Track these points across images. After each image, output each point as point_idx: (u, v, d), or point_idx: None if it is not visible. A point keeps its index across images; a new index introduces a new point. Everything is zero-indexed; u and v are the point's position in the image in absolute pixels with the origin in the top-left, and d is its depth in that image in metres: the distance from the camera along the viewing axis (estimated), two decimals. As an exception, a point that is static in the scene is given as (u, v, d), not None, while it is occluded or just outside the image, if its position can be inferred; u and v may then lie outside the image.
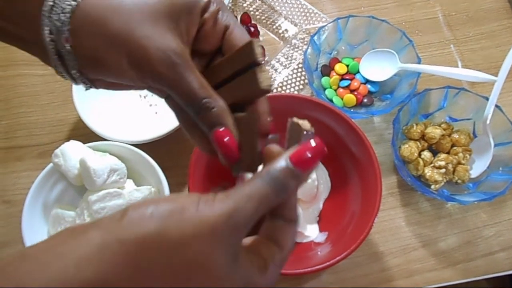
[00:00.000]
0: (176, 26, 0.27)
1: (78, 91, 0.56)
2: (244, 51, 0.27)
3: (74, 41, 0.27)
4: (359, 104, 0.62)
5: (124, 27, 0.27)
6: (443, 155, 0.56)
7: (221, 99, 0.28)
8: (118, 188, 0.49)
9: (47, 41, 0.27)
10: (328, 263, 0.43)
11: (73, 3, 0.26)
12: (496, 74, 0.56)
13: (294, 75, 0.64)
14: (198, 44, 0.29)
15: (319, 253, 0.49)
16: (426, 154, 0.57)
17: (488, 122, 0.55)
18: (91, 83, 0.30)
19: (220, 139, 0.27)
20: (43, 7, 0.26)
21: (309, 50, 0.59)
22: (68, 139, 0.52)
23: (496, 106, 0.55)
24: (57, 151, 0.49)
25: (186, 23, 0.28)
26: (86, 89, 0.31)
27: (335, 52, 0.65)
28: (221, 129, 0.27)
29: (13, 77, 0.63)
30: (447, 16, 0.71)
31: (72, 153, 0.49)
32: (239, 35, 0.29)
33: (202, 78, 0.28)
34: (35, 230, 0.48)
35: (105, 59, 0.27)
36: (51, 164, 0.50)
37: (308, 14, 0.67)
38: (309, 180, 0.52)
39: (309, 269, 0.43)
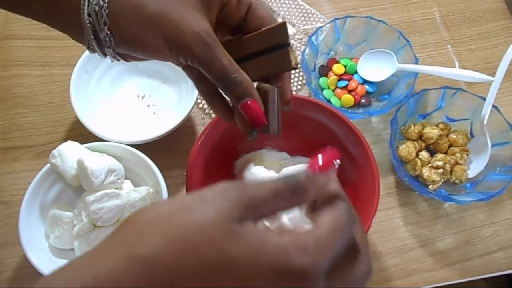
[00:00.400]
0: (203, 6, 0.31)
1: (76, 91, 0.56)
2: (276, 31, 0.31)
3: (112, 23, 0.30)
4: (357, 104, 0.62)
5: (160, 10, 0.30)
6: (440, 155, 0.56)
7: (247, 77, 0.32)
8: (116, 188, 0.48)
9: (86, 23, 0.30)
10: (326, 263, 0.43)
11: None
12: (493, 75, 0.56)
13: (292, 76, 0.64)
14: (222, 20, 0.32)
15: (317, 253, 0.49)
16: (424, 154, 0.57)
17: (485, 122, 0.55)
18: (122, 57, 0.33)
19: (249, 109, 0.31)
20: None
21: (307, 51, 0.60)
22: (65, 140, 0.52)
23: (493, 106, 0.56)
24: (55, 151, 0.49)
25: (210, 3, 0.31)
26: (112, 61, 0.35)
27: (333, 53, 0.65)
28: (249, 101, 0.31)
29: (10, 77, 0.63)
30: (445, 17, 0.71)
31: (70, 153, 0.49)
32: (263, 13, 0.33)
33: (228, 55, 0.31)
34: (32, 231, 0.48)
35: (142, 40, 0.30)
36: (48, 165, 0.49)
37: (306, 15, 0.67)
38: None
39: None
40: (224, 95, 0.35)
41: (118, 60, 0.33)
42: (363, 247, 0.25)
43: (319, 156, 0.24)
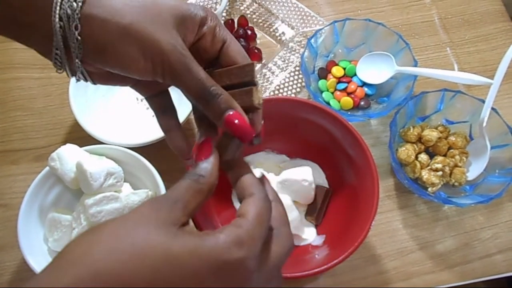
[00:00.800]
0: (178, 28, 0.30)
1: (75, 94, 0.56)
2: (245, 69, 0.31)
3: (84, 29, 0.28)
4: (356, 107, 0.62)
5: (138, 20, 0.28)
6: (440, 158, 0.56)
7: (221, 87, 0.31)
8: (115, 191, 0.48)
9: (56, 27, 0.28)
10: (325, 266, 0.43)
11: None
12: (492, 77, 0.56)
13: (291, 78, 0.64)
14: (196, 52, 0.31)
15: (316, 256, 0.49)
16: (423, 157, 0.57)
17: (484, 124, 0.55)
18: (89, 76, 0.31)
19: (231, 122, 0.30)
20: None
21: (306, 53, 0.60)
22: (64, 143, 0.52)
23: (492, 108, 0.56)
24: (54, 154, 0.49)
25: (185, 29, 0.30)
26: (77, 81, 0.32)
27: (332, 55, 0.65)
28: (231, 113, 0.30)
29: (9, 80, 0.63)
30: (443, 19, 0.71)
31: (69, 156, 0.48)
32: (236, 50, 0.32)
33: (205, 72, 0.30)
34: (31, 234, 0.48)
35: (115, 49, 0.28)
36: (47, 168, 0.49)
37: (305, 17, 0.67)
38: (306, 183, 0.52)
39: (307, 272, 0.43)
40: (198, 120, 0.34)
41: (86, 80, 0.31)
42: (280, 226, 0.29)
43: (197, 153, 0.29)
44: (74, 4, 0.27)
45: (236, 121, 0.29)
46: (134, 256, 0.22)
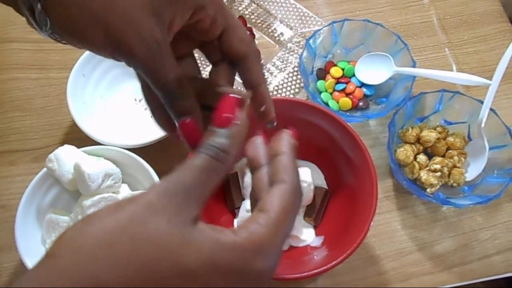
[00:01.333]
0: (162, 15, 0.27)
1: (73, 95, 0.56)
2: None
3: (48, 5, 0.26)
4: (355, 107, 0.62)
5: (107, 4, 0.25)
6: (438, 159, 0.56)
7: (192, 95, 0.28)
8: (113, 192, 0.48)
9: None
10: (324, 268, 0.43)
11: None
12: (490, 77, 0.57)
13: (290, 79, 0.64)
14: (189, 33, 0.29)
15: (315, 257, 0.49)
16: (422, 158, 0.57)
17: (482, 125, 0.55)
18: (65, 41, 0.28)
19: (185, 128, 0.27)
20: None
21: (304, 54, 0.60)
22: (62, 144, 0.52)
23: (491, 109, 0.56)
24: (51, 155, 0.49)
25: (173, 16, 0.27)
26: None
27: (331, 56, 0.65)
28: (187, 120, 0.27)
29: (7, 81, 0.63)
30: (442, 20, 0.71)
31: (66, 157, 0.48)
32: (239, 37, 0.29)
33: (176, 68, 0.27)
34: (29, 235, 0.48)
35: (81, 31, 0.26)
36: (45, 169, 0.49)
37: (303, 18, 0.67)
38: (305, 184, 0.52)
39: (306, 273, 0.43)
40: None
41: (61, 42, 0.29)
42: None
43: (217, 110, 0.24)
44: None
45: (188, 127, 0.27)
46: (141, 272, 0.19)
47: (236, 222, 0.53)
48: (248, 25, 0.68)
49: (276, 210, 0.23)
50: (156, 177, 0.49)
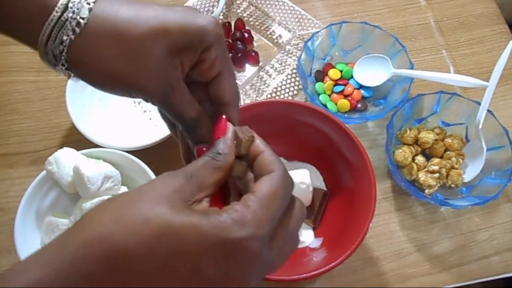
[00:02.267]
0: (177, 57, 0.30)
1: (72, 97, 0.56)
2: (237, 141, 0.31)
3: (71, 66, 0.29)
4: (353, 109, 0.62)
5: (127, 65, 0.28)
6: (436, 160, 0.57)
7: (209, 124, 0.31)
8: (112, 195, 0.48)
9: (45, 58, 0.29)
10: (323, 269, 0.43)
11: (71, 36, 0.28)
12: (487, 79, 0.57)
13: (288, 81, 0.64)
14: (190, 75, 0.32)
15: (314, 258, 0.49)
16: (420, 159, 0.57)
17: (480, 126, 0.56)
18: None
19: (201, 155, 0.30)
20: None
21: (303, 56, 0.60)
22: (61, 146, 0.52)
23: (488, 110, 0.56)
24: (50, 158, 0.49)
25: (186, 57, 0.30)
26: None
27: (329, 58, 0.65)
28: (204, 148, 0.30)
29: (5, 83, 0.63)
30: (439, 22, 0.71)
31: (66, 160, 0.48)
32: (227, 87, 0.32)
33: (192, 102, 0.31)
34: (28, 238, 0.48)
35: (101, 84, 0.30)
36: (44, 172, 0.49)
37: (301, 20, 0.68)
38: (304, 186, 0.52)
39: (304, 275, 0.43)
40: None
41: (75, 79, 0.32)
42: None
43: (214, 132, 0.30)
44: (61, 47, 0.28)
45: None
46: (136, 225, 0.22)
47: None
48: (246, 28, 0.68)
49: (264, 191, 0.25)
50: (155, 179, 0.49)
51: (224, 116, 0.30)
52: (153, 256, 0.22)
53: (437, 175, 0.55)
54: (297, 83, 0.64)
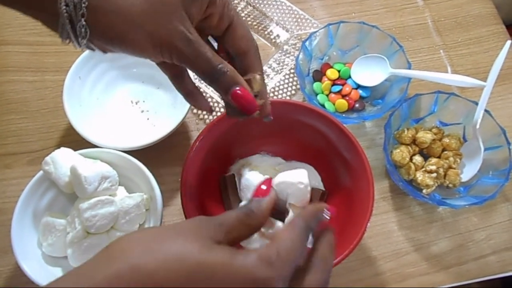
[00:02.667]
0: (186, 8, 0.30)
1: (69, 97, 0.55)
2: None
3: (90, 17, 0.29)
4: (351, 109, 0.62)
5: (145, 9, 0.29)
6: (434, 160, 0.57)
7: (228, 64, 0.32)
8: (110, 195, 0.48)
9: (62, 12, 0.28)
10: (321, 269, 0.43)
11: None
12: (485, 79, 0.57)
13: (286, 81, 0.64)
14: (201, 31, 0.32)
15: (312, 258, 0.49)
16: (418, 159, 0.57)
17: (477, 126, 0.56)
18: (99, 48, 0.32)
19: (239, 97, 0.31)
20: None
21: (300, 56, 0.60)
22: (58, 146, 0.52)
23: (486, 110, 0.56)
24: (48, 158, 0.48)
25: (193, 9, 0.31)
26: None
27: (327, 58, 0.65)
28: (237, 88, 0.31)
29: (2, 83, 0.63)
30: (437, 22, 0.72)
31: (63, 160, 0.48)
32: (241, 34, 0.33)
33: (211, 50, 0.31)
34: (25, 239, 0.47)
35: (124, 37, 0.30)
36: (41, 172, 0.49)
37: (299, 20, 0.68)
38: (302, 185, 0.52)
39: (303, 275, 0.43)
40: (212, 89, 0.35)
41: (93, 50, 0.32)
42: (320, 259, 0.29)
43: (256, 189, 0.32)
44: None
45: (241, 95, 0.31)
46: (169, 258, 0.23)
47: None
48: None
49: (286, 238, 0.27)
50: (152, 179, 0.49)
51: (268, 179, 0.32)
52: (189, 283, 0.23)
53: (434, 175, 0.56)
54: (295, 83, 0.64)
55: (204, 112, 0.62)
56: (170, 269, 0.23)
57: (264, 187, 0.31)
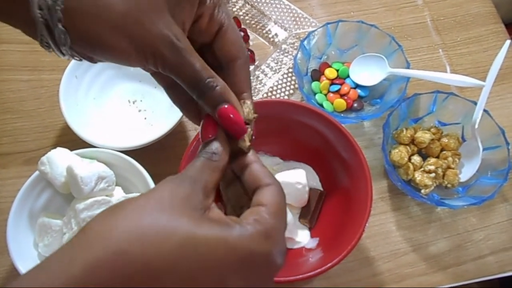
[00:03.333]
0: (175, 14, 0.28)
1: (65, 96, 0.55)
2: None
3: (68, 21, 0.26)
4: (349, 108, 0.62)
5: (127, 10, 0.26)
6: (432, 160, 0.57)
7: (220, 79, 0.29)
8: (107, 195, 0.48)
9: (37, 18, 0.26)
10: (319, 270, 0.43)
11: None
12: (484, 78, 0.57)
13: (284, 80, 0.64)
14: (191, 36, 0.30)
15: (310, 259, 0.49)
16: (416, 159, 0.57)
17: (476, 126, 0.56)
18: (83, 57, 0.29)
19: (226, 116, 0.28)
20: None
21: (299, 55, 0.59)
22: (54, 146, 0.51)
23: (484, 110, 0.56)
24: (44, 158, 0.48)
25: (184, 13, 0.28)
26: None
27: (325, 57, 0.65)
28: (226, 106, 0.28)
29: (-2, 82, 0.62)
30: (436, 21, 0.71)
31: (59, 160, 0.48)
32: (233, 37, 0.30)
33: (202, 61, 0.28)
34: (20, 239, 0.47)
35: (105, 42, 0.27)
36: (37, 172, 0.49)
37: (298, 19, 0.67)
38: (300, 186, 0.51)
39: (301, 276, 0.43)
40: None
41: (80, 60, 0.29)
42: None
43: (203, 129, 0.29)
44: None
45: (230, 115, 0.28)
46: (157, 238, 0.21)
47: None
48: (242, 26, 0.68)
49: (273, 204, 0.26)
50: (150, 180, 0.49)
51: (207, 116, 0.29)
52: (177, 270, 0.21)
53: (433, 175, 0.55)
54: (293, 82, 0.64)
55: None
56: (159, 249, 0.21)
57: (209, 125, 0.29)
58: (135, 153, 0.51)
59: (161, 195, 0.23)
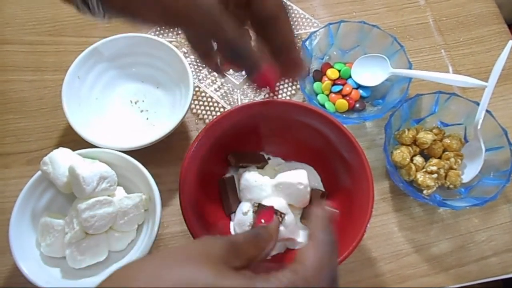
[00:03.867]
0: None
1: (68, 97, 0.55)
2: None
3: None
4: (351, 109, 0.62)
5: None
6: (435, 160, 0.56)
7: (251, 44, 0.30)
8: (108, 195, 0.48)
9: None
10: (320, 270, 0.43)
11: None
12: (486, 79, 0.57)
13: (286, 81, 0.64)
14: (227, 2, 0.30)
15: (311, 259, 0.49)
16: (418, 159, 0.57)
17: (479, 127, 0.55)
18: (111, 16, 0.30)
19: (261, 80, 0.30)
20: None
21: (300, 56, 0.59)
22: (57, 146, 0.51)
23: (487, 111, 0.56)
24: (46, 158, 0.48)
25: None
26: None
27: (327, 57, 0.65)
28: (262, 72, 0.30)
29: (1, 83, 0.63)
30: (438, 21, 0.71)
31: (61, 160, 0.48)
32: (269, 3, 0.30)
33: (236, 27, 0.29)
34: (23, 239, 0.47)
35: (138, 11, 0.28)
36: (39, 172, 0.49)
37: (299, 19, 0.67)
38: (301, 186, 0.51)
39: (302, 276, 0.43)
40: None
41: (109, 17, 0.30)
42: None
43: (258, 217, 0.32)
44: None
45: (265, 79, 0.30)
46: (179, 285, 0.21)
47: (232, 225, 0.53)
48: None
49: (310, 260, 0.25)
50: (151, 180, 0.49)
51: (270, 207, 0.32)
52: None
53: (435, 175, 0.55)
54: (295, 82, 0.64)
55: (204, 112, 0.62)
56: None
57: (266, 214, 0.32)
58: (137, 153, 0.51)
59: (193, 249, 0.24)
